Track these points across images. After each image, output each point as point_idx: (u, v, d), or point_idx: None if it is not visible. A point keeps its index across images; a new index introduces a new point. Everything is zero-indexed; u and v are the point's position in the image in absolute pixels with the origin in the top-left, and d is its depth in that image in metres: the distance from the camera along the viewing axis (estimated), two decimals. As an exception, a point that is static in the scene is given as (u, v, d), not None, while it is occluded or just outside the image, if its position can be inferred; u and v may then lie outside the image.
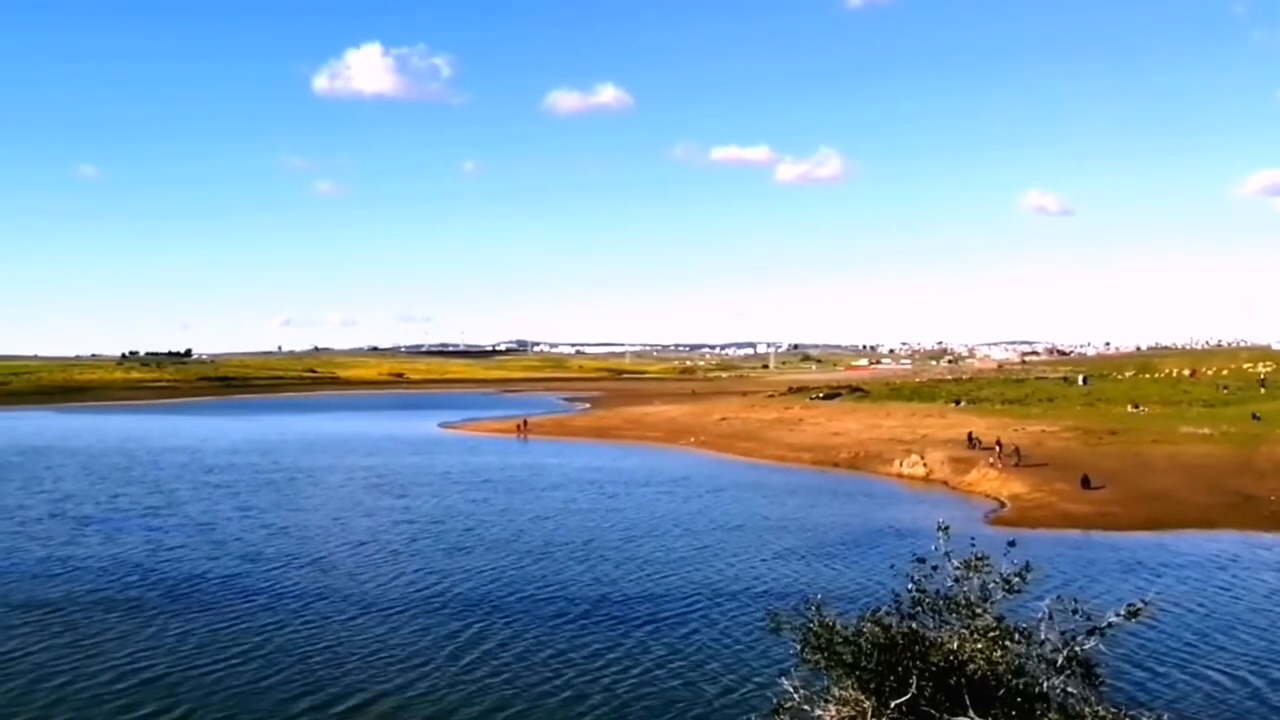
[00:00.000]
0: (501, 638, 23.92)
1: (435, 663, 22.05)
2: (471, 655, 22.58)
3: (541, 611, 26.43)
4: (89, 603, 27.00)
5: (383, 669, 21.62)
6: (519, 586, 29.23)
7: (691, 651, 22.80)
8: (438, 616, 25.92)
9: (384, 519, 41.32)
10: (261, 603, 27.12)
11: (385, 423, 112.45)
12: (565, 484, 52.29)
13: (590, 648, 23.11)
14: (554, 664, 21.93)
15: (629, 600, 27.71)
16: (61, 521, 39.94)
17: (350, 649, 22.95)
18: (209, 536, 36.99)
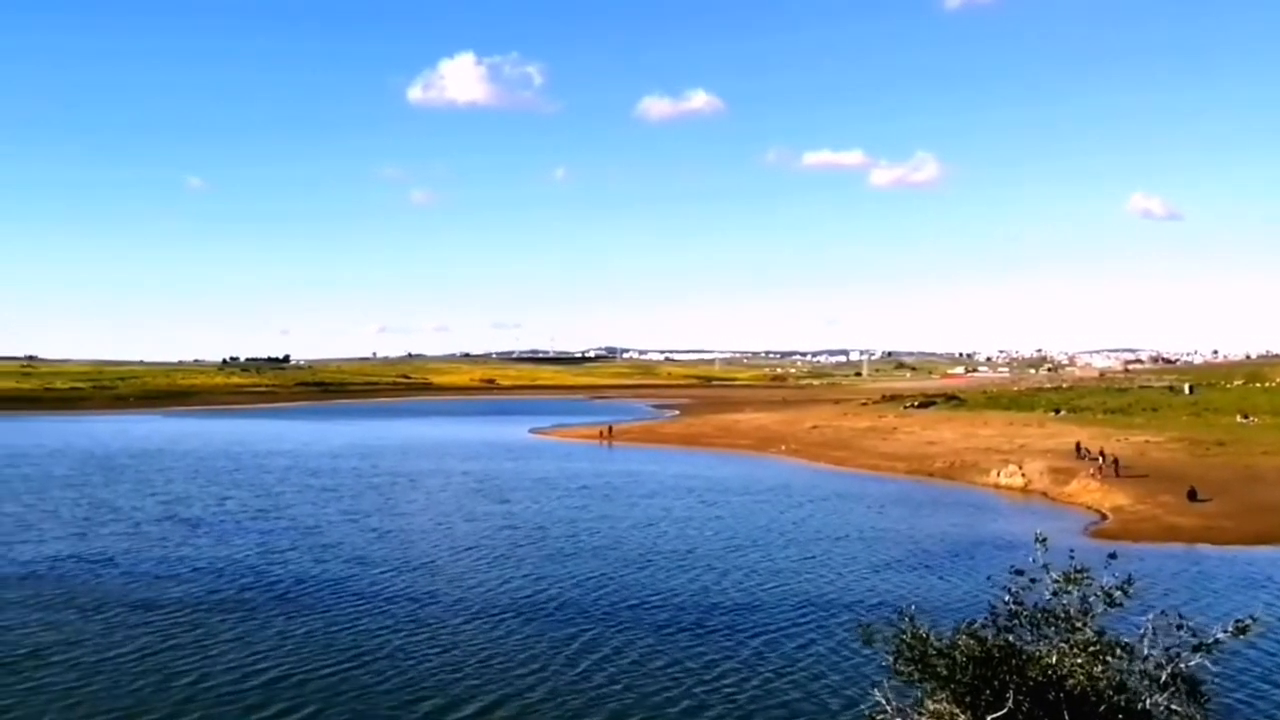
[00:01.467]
0: (614, 645, 23.91)
1: (552, 668, 22.09)
2: (587, 662, 22.59)
3: (651, 619, 26.39)
4: (209, 604, 27.54)
5: (500, 673, 21.72)
6: (626, 594, 29.22)
7: (809, 662, 22.55)
8: (548, 622, 26.02)
9: (487, 524, 41.65)
10: (374, 606, 27.43)
11: (478, 428, 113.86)
12: (662, 492, 52.31)
13: (704, 657, 22.98)
14: (671, 672, 21.87)
15: (737, 609, 27.51)
16: (176, 524, 40.97)
17: (466, 653, 23.11)
18: (317, 539, 37.64)
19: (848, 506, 47.14)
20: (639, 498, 49.79)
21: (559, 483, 56.52)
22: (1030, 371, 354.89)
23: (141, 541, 36.86)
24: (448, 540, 37.82)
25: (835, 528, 41.15)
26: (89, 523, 40.94)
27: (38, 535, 37.91)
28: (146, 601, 27.65)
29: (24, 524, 40.45)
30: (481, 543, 37.30)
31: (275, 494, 50.92)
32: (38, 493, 50.49)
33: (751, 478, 59.48)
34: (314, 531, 39.22)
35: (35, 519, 41.90)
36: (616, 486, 54.55)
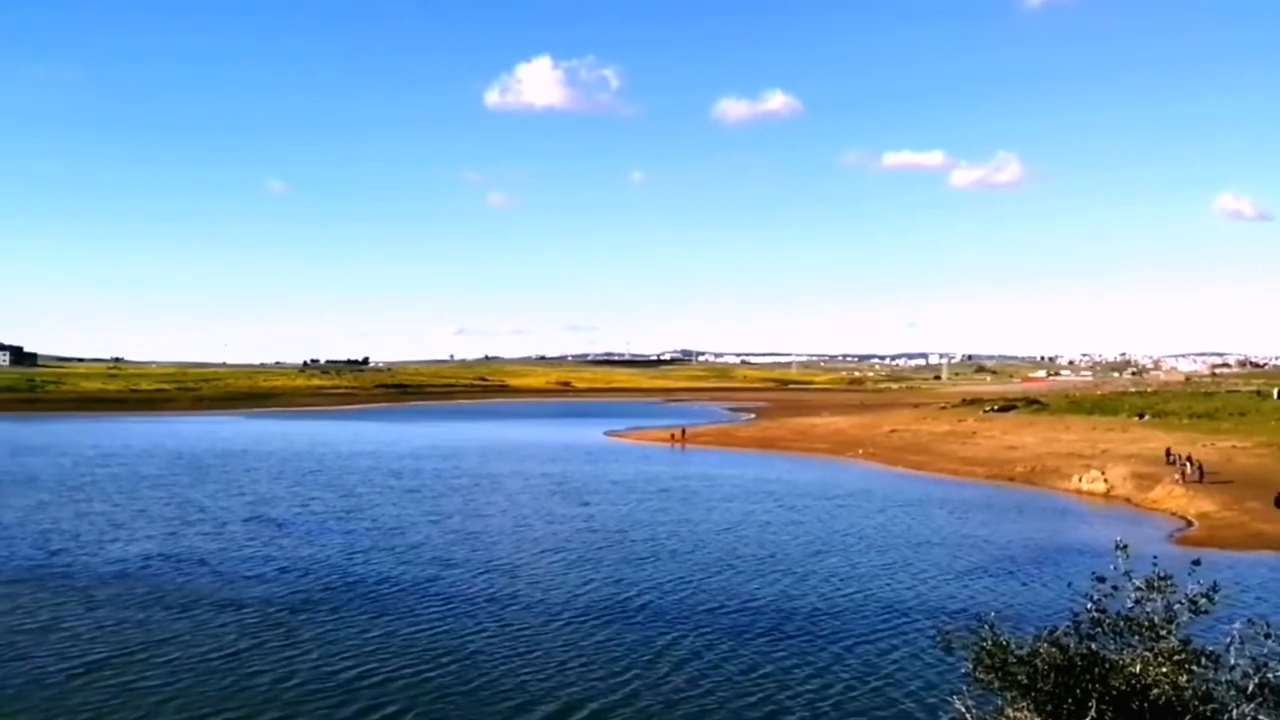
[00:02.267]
0: (694, 648, 23.92)
1: (632, 671, 22.18)
2: (666, 665, 22.65)
3: (730, 624, 26.34)
4: (294, 603, 28.01)
5: (580, 675, 21.84)
6: (706, 597, 29.20)
7: (890, 668, 22.42)
8: (628, 625, 26.12)
9: (567, 526, 41.91)
10: (456, 607, 27.70)
11: (553, 430, 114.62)
12: (740, 495, 52.20)
13: (784, 662, 22.95)
14: (752, 676, 21.85)
15: (817, 614, 27.41)
16: (261, 524, 41.78)
17: (546, 655, 23.25)
18: (400, 540, 38.11)
19: (927, 511, 46.70)
20: (717, 501, 49.81)
21: (637, 485, 56.73)
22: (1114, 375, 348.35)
23: (229, 541, 37.66)
24: (529, 542, 38.16)
25: (915, 533, 40.81)
26: (178, 522, 41.94)
27: (128, 534, 38.91)
28: (234, 600, 28.20)
29: (115, 523, 41.58)
30: (562, 545, 37.55)
31: (358, 495, 51.72)
32: (128, 492, 51.87)
33: (829, 482, 59.18)
34: (397, 532, 39.76)
35: (126, 518, 43.03)
36: (695, 490, 54.59)
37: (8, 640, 23.80)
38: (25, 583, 30.03)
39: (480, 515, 45.01)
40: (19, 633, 24.50)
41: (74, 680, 21.00)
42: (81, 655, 22.73)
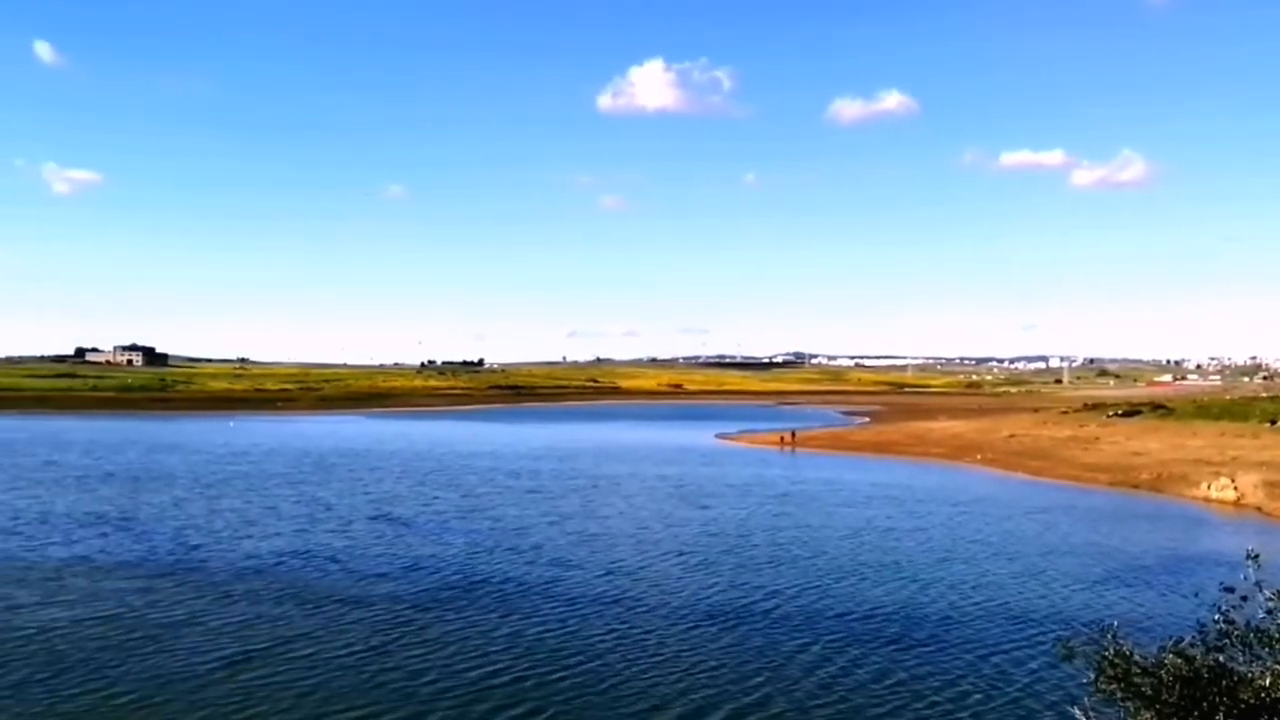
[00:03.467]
0: (822, 653, 23.70)
1: (762, 674, 22.02)
2: (796, 669, 22.48)
3: (858, 630, 26.02)
4: (421, 602, 28.38)
5: (710, 678, 21.73)
6: (832, 603, 28.90)
7: (1027, 680, 21.85)
8: (755, 629, 25.95)
9: (688, 529, 41.81)
10: (580, 609, 27.78)
11: (665, 433, 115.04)
12: (861, 501, 51.55)
13: (916, 670, 22.60)
14: (885, 683, 21.57)
15: (943, 622, 26.90)
16: (387, 522, 42.63)
17: (675, 657, 23.22)
18: (523, 540, 38.49)
19: (1052, 518, 45.54)
20: (837, 506, 49.41)
21: (755, 489, 56.54)
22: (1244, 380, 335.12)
23: (356, 539, 38.52)
24: (649, 545, 38.23)
25: (1042, 540, 39.80)
26: (306, 520, 43.07)
27: (261, 531, 40.10)
28: (364, 597, 28.76)
29: (248, 520, 42.98)
30: (683, 548, 37.52)
31: (479, 495, 52.50)
32: (258, 490, 53.63)
33: (950, 487, 58.20)
34: (519, 532, 40.25)
35: (257, 515, 44.42)
36: (813, 494, 54.22)
37: (152, 634, 24.61)
38: (166, 577, 31.08)
39: (599, 517, 45.42)
40: (163, 626, 25.30)
41: (216, 673, 21.60)
42: (222, 649, 23.38)
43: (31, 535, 38.35)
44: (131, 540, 37.62)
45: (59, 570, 31.94)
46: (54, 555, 34.40)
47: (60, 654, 22.86)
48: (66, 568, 32.38)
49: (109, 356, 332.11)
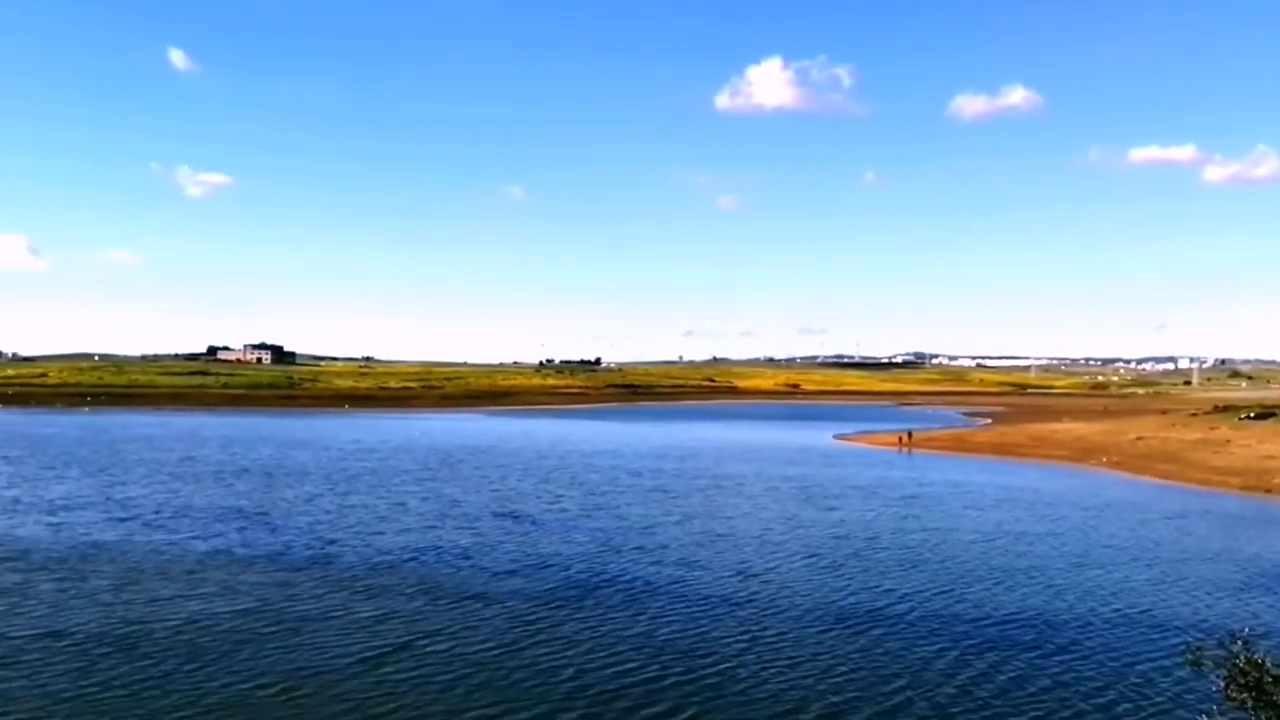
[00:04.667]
0: (959, 658, 22.94)
1: (900, 679, 21.40)
2: (934, 674, 21.79)
3: (995, 635, 25.16)
4: (552, 599, 28.25)
5: (847, 681, 21.17)
6: (968, 608, 28.04)
7: (1177, 690, 20.73)
8: (890, 633, 25.23)
9: (815, 531, 41.02)
10: (709, 610, 27.31)
11: (783, 433, 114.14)
12: (989, 503, 50.22)
13: (1061, 677, 21.77)
14: (1028, 690, 20.88)
15: (1088, 629, 25.86)
16: (516, 520, 42.78)
17: (812, 659, 22.66)
18: (649, 539, 38.22)
19: (1185, 523, 43.76)
20: (964, 509, 48.04)
21: (881, 490, 55.50)
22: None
23: (486, 536, 38.68)
24: (776, 546, 37.59)
25: (1179, 545, 38.25)
26: (436, 516, 43.45)
27: (393, 526, 40.56)
28: (497, 594, 28.76)
29: (379, 515, 43.55)
30: (812, 550, 36.82)
31: (603, 493, 52.54)
32: (388, 486, 54.47)
33: (1078, 490, 56.39)
34: (645, 531, 40.00)
35: (389, 511, 45.01)
36: (940, 496, 52.94)
37: (292, 627, 24.94)
38: (303, 571, 31.58)
39: (725, 517, 44.87)
40: (302, 620, 25.62)
41: (356, 668, 21.73)
42: (360, 644, 23.53)
43: (173, 529, 39.42)
44: (268, 534, 38.36)
45: (201, 563, 32.68)
46: (195, 549, 35.23)
47: (204, 646, 23.28)
48: (207, 561, 33.14)
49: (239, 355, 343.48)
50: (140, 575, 30.47)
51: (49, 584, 28.99)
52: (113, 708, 19.02)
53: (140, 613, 25.91)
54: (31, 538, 36.58)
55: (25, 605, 26.42)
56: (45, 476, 56.51)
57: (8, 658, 21.80)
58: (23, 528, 38.74)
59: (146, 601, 27.20)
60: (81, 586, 28.73)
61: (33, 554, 33.43)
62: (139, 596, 27.73)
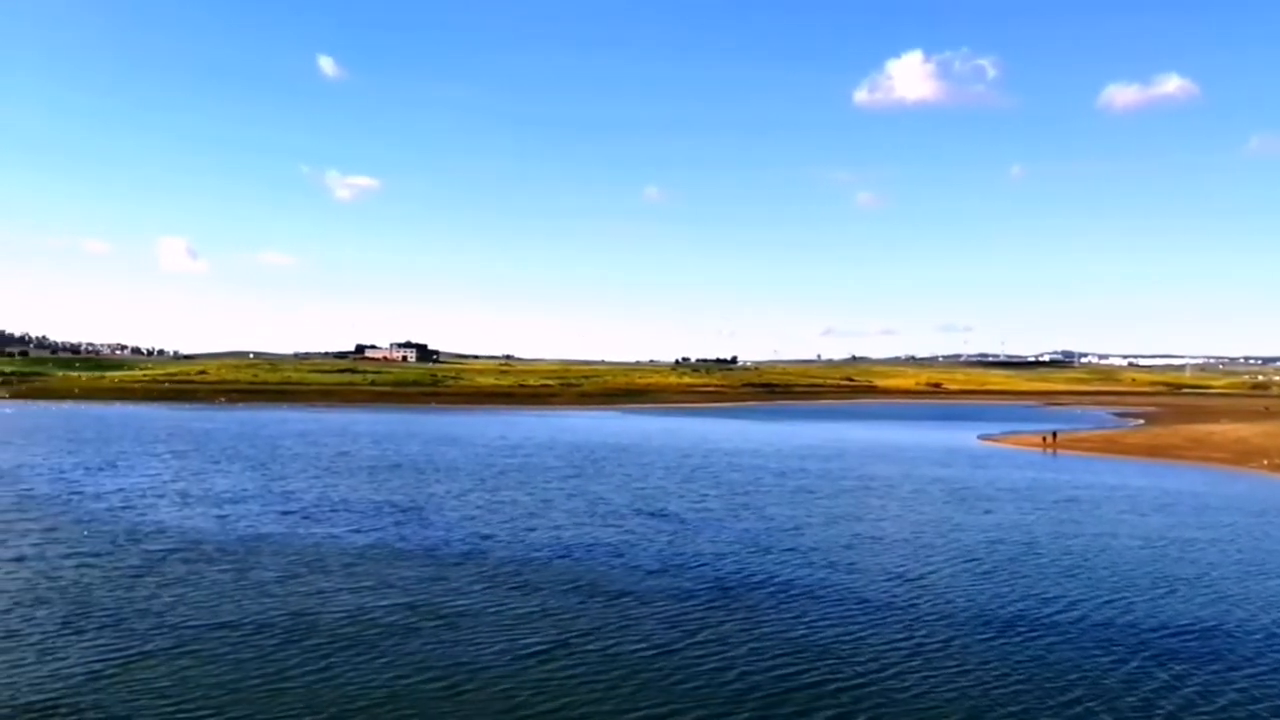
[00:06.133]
0: (1140, 668, 21.90)
1: (1077, 689, 20.44)
2: (1113, 683, 20.87)
3: (1173, 646, 23.95)
4: (707, 600, 27.88)
5: (1023, 690, 20.33)
6: (1141, 618, 26.69)
7: None
8: (1061, 640, 24.20)
9: (972, 535, 39.71)
10: (867, 615, 26.66)
11: (925, 433, 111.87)
12: (1150, 508, 48.11)
13: (1253, 690, 20.68)
14: (1218, 704, 19.85)
15: (1274, 643, 24.42)
16: (663, 518, 42.64)
17: (982, 667, 21.80)
18: (799, 541, 37.60)
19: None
20: (1123, 513, 45.94)
21: (1036, 493, 53.71)
22: None
23: (634, 534, 38.59)
24: (931, 549, 36.54)
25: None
26: (585, 514, 43.59)
27: (543, 523, 40.77)
28: (646, 594, 28.57)
29: (529, 512, 43.91)
30: (970, 554, 35.67)
31: (749, 493, 52.01)
32: (535, 483, 55.06)
33: (1242, 495, 54.08)
34: (794, 533, 39.35)
35: (537, 508, 45.35)
36: (1098, 499, 50.89)
37: (451, 621, 25.18)
38: (458, 566, 31.94)
39: (875, 519, 43.90)
40: (460, 615, 25.86)
41: (516, 664, 21.80)
42: (519, 640, 23.63)
43: (332, 522, 40.49)
44: (423, 529, 39.06)
45: (360, 556, 33.44)
46: (354, 542, 36.10)
47: (367, 638, 23.70)
48: (366, 554, 33.89)
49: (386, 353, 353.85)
50: (302, 567, 31.33)
51: (219, 574, 30.03)
52: (287, 697, 19.48)
53: (305, 604, 26.58)
54: (201, 529, 38.05)
55: (199, 595, 27.38)
56: (210, 470, 58.88)
57: (187, 646, 22.56)
58: (192, 519, 40.33)
59: (310, 593, 27.90)
60: (249, 577, 29.66)
61: (203, 545, 34.74)
62: (302, 588, 28.48)
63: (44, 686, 19.65)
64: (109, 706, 18.68)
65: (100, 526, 38.17)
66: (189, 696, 19.30)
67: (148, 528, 38.08)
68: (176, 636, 23.26)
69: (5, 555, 32.26)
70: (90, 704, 18.77)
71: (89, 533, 36.74)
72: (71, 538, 35.66)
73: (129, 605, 26.04)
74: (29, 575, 29.36)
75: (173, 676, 20.41)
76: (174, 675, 20.49)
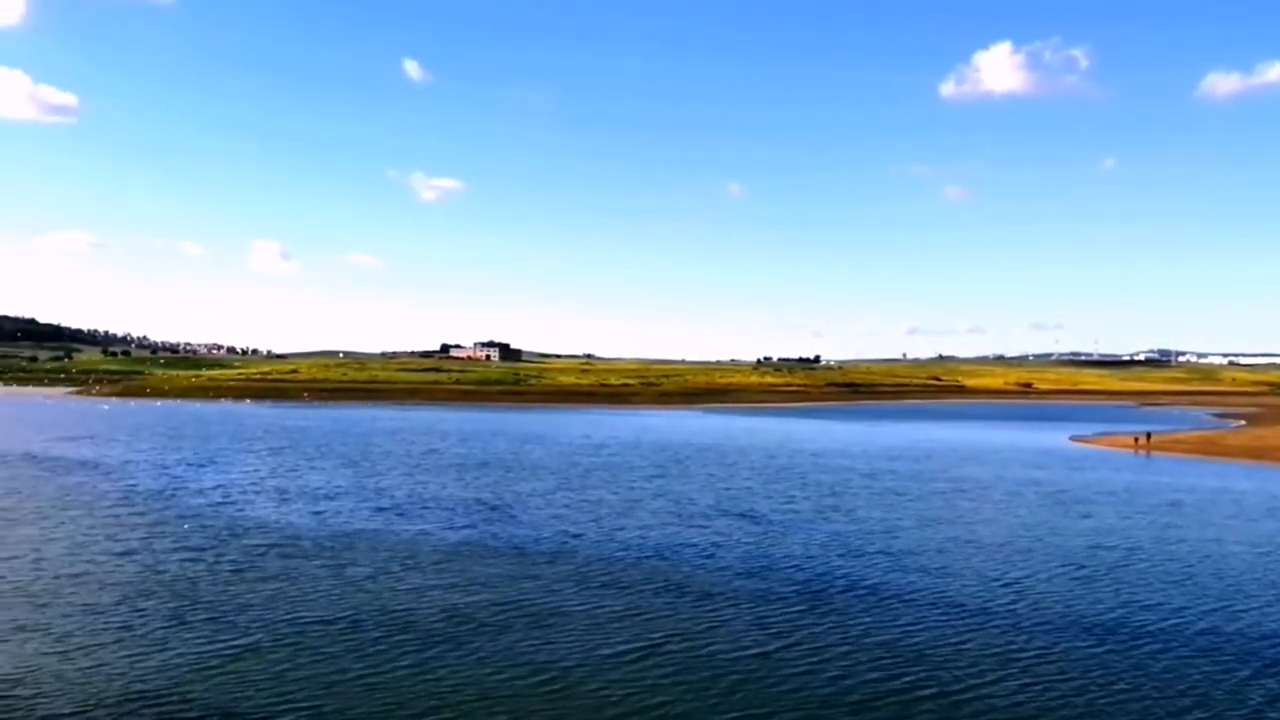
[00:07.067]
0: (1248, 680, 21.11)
1: (1216, 705, 19.85)
2: (1256, 698, 20.24)
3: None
4: (800, 603, 27.68)
5: (1154, 704, 19.78)
6: (1248, 627, 25.86)
7: None
8: (1190, 651, 23.53)
9: (1072, 540, 38.72)
10: (962, 621, 26.13)
11: (1016, 434, 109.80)
12: (1260, 513, 46.67)
13: None
14: None
15: None
16: (752, 519, 42.39)
17: (1088, 678, 21.20)
18: (892, 544, 37.17)
19: None
20: (1229, 518, 44.67)
21: (1136, 496, 52.42)
22: None
23: (723, 535, 38.39)
24: (1031, 554, 35.71)
25: None
26: (672, 514, 43.50)
27: (631, 523, 40.83)
28: (737, 595, 28.37)
29: (616, 511, 44.01)
30: (1069, 559, 34.84)
31: (838, 494, 51.52)
32: (622, 482, 55.24)
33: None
34: (887, 536, 38.86)
35: (624, 507, 45.45)
36: (1201, 503, 49.56)
37: (545, 620, 25.30)
38: (550, 564, 32.14)
39: (968, 522, 43.13)
40: (556, 613, 25.97)
41: (611, 664, 21.83)
42: (612, 640, 23.69)
43: (424, 519, 41.06)
44: (513, 526, 39.41)
45: (453, 553, 33.86)
46: (446, 539, 36.57)
47: (462, 635, 23.94)
48: (458, 551, 34.30)
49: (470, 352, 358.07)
50: (396, 564, 31.79)
51: (316, 570, 30.60)
52: (383, 692, 19.74)
53: (399, 600, 26.95)
54: (298, 525, 38.83)
55: (298, 591, 27.92)
56: (305, 467, 60.11)
57: (287, 641, 23.02)
58: (289, 515, 41.19)
59: (404, 589, 28.28)
60: (344, 573, 30.18)
61: (300, 540, 35.46)
62: (396, 584, 28.90)
63: (155, 677, 20.20)
64: (215, 699, 19.12)
65: (202, 521, 39.19)
66: (290, 691, 19.68)
67: (247, 523, 39.00)
68: (277, 631, 23.75)
69: (116, 549, 33.29)
70: (198, 695, 19.23)
71: (191, 527, 37.75)
72: (176, 532, 36.67)
73: (231, 599, 26.67)
74: (138, 569, 30.25)
75: (274, 670, 20.84)
76: (275, 669, 20.92)
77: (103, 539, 35.06)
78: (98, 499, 45.00)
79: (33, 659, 21.15)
